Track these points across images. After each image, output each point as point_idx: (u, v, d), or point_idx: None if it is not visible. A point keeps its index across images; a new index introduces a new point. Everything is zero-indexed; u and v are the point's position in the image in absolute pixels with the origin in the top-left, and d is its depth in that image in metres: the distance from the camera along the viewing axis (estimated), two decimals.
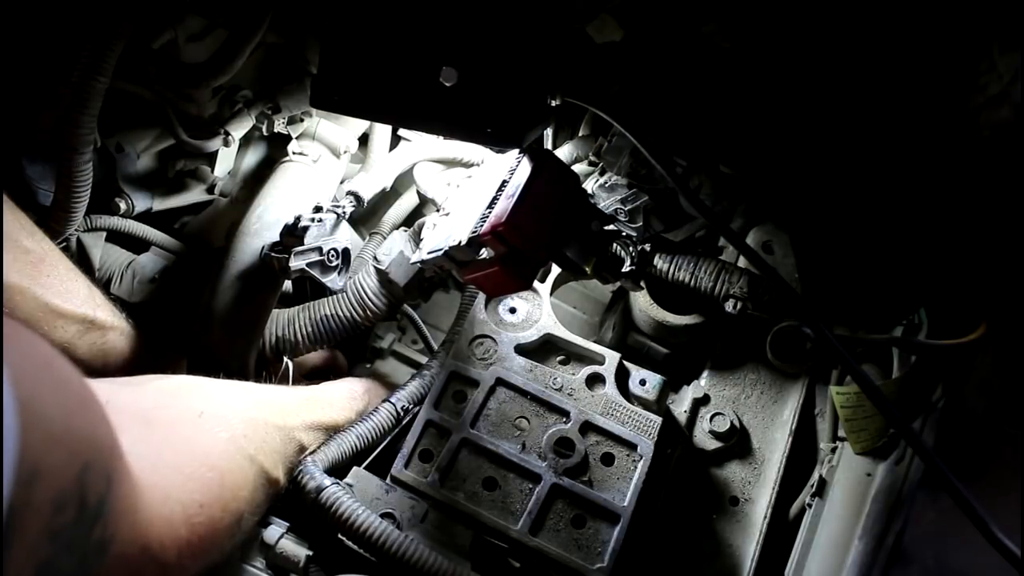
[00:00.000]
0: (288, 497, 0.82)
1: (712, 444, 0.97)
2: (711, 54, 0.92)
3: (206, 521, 0.65)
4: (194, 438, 0.71)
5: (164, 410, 0.73)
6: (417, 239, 0.99)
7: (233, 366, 0.96)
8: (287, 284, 1.09)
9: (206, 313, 0.97)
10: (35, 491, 0.38)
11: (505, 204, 0.78)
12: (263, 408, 0.82)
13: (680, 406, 0.99)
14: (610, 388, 0.91)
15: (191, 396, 0.78)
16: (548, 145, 1.16)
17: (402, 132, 1.14)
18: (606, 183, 1.03)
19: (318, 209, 1.02)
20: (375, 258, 1.00)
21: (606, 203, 1.02)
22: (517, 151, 0.84)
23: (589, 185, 1.04)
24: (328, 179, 1.13)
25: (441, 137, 1.09)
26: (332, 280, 0.99)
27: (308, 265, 0.95)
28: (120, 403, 0.62)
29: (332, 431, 0.90)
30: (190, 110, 1.04)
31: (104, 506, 0.47)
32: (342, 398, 0.94)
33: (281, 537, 0.80)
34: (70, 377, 0.46)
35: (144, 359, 0.97)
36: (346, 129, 1.15)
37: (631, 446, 0.88)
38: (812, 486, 0.93)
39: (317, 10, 1.03)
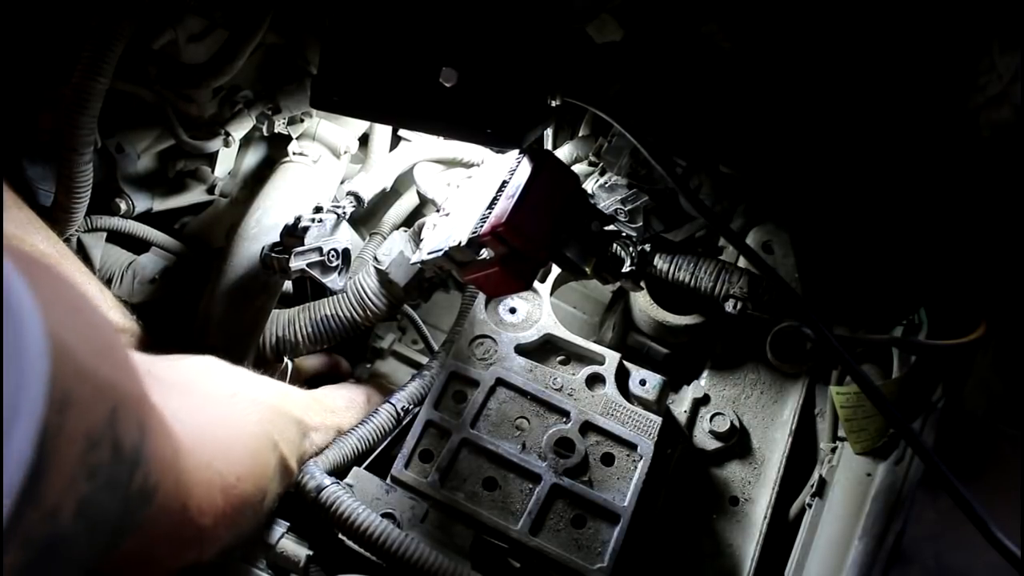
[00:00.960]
0: (289, 497, 0.82)
1: (712, 444, 0.97)
2: (711, 54, 0.92)
3: (240, 495, 0.66)
4: (229, 416, 0.73)
5: (199, 385, 0.75)
6: (417, 239, 0.99)
7: None
8: (287, 284, 1.09)
9: (204, 317, 0.98)
10: (67, 420, 0.38)
11: (505, 204, 0.78)
12: (285, 400, 0.84)
13: (680, 406, 0.99)
14: (610, 388, 0.91)
15: (222, 376, 0.80)
16: (548, 145, 1.16)
17: (402, 132, 1.14)
18: (606, 183, 1.02)
19: (318, 209, 1.02)
20: (375, 258, 1.00)
21: (606, 203, 1.02)
22: (517, 151, 0.84)
23: (589, 185, 1.04)
24: (328, 179, 1.13)
25: (441, 137, 1.09)
26: (332, 280, 0.99)
27: (308, 265, 0.95)
28: (159, 373, 0.64)
29: (336, 435, 0.90)
30: (190, 110, 1.04)
31: (140, 455, 0.47)
32: (341, 406, 0.95)
33: (281, 537, 0.81)
34: (100, 322, 0.47)
35: None
36: (346, 129, 1.15)
37: (631, 446, 0.88)
38: (812, 486, 0.93)
39: (317, 10, 1.03)
